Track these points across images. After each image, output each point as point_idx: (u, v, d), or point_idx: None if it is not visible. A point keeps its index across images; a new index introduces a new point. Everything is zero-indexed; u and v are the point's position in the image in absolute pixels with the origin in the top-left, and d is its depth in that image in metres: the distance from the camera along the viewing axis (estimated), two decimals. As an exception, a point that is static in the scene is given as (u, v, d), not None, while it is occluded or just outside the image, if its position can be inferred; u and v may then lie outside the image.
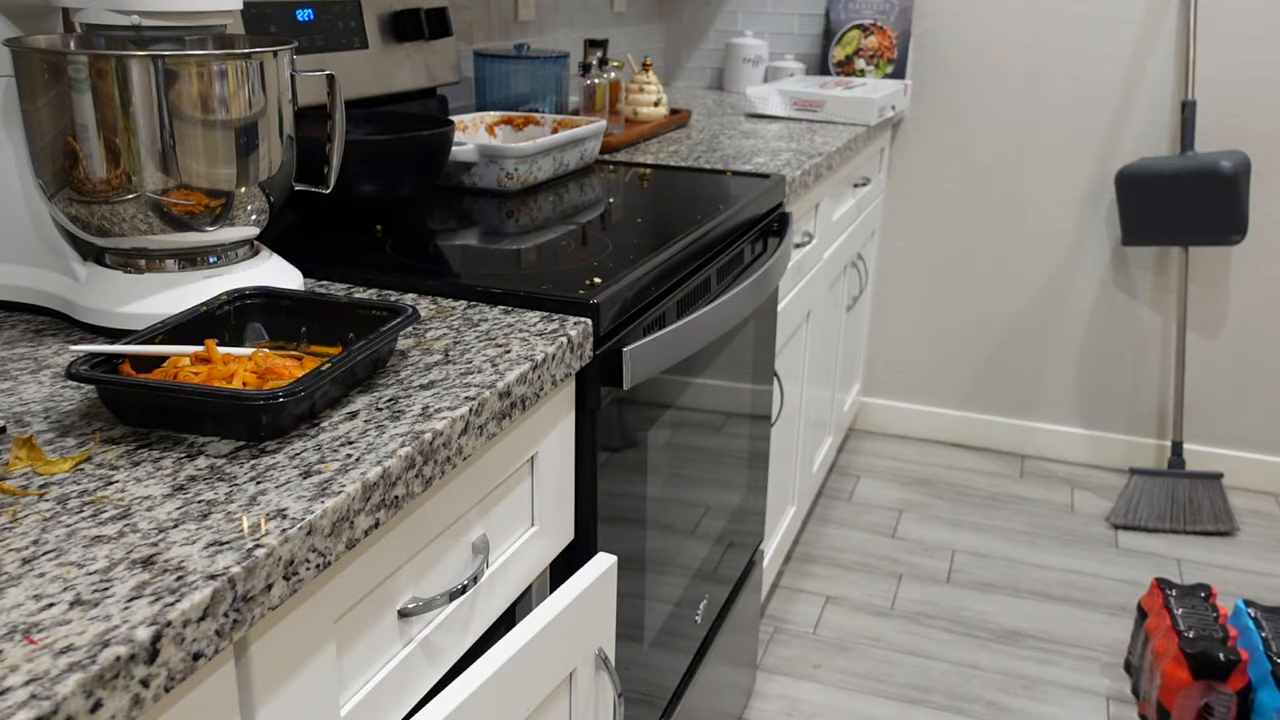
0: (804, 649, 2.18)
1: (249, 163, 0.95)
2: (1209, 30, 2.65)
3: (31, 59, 0.89)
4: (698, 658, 1.59)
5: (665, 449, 1.35)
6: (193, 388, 0.75)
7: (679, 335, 1.22)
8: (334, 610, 0.74)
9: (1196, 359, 2.86)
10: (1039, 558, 2.54)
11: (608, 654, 1.05)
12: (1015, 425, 3.06)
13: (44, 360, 0.90)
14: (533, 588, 1.09)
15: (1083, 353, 2.96)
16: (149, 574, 0.59)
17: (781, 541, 2.25)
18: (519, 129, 1.79)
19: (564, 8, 2.50)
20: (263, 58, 0.94)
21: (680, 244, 1.30)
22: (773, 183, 1.69)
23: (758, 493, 1.85)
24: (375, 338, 0.84)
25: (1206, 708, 1.75)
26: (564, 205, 1.49)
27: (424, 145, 1.36)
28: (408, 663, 0.84)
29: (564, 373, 1.00)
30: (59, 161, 0.91)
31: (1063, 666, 2.14)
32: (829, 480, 2.87)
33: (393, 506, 0.75)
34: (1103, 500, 2.82)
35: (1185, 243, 2.67)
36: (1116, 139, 2.78)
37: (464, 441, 0.83)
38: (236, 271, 0.99)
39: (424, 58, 1.78)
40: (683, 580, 1.49)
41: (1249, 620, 1.81)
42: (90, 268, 0.98)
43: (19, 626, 0.54)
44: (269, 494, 0.69)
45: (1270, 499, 2.86)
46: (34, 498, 0.67)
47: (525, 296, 1.08)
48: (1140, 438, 2.96)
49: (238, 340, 0.91)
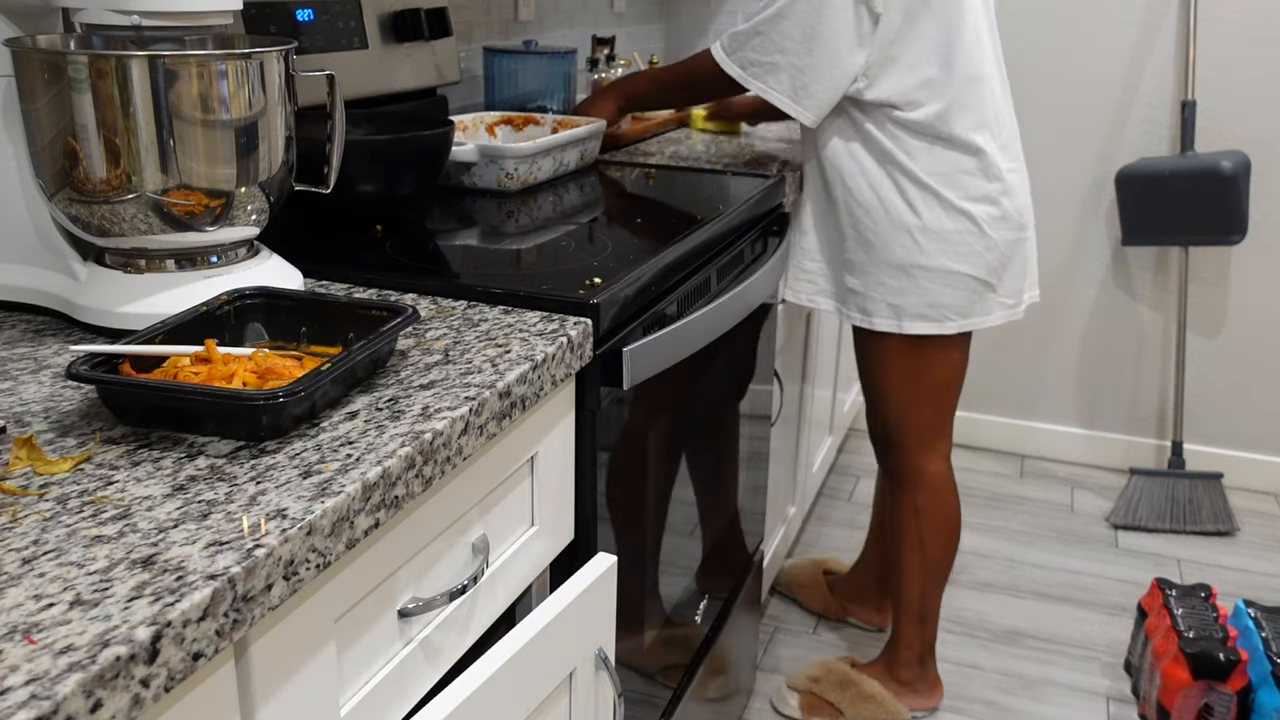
0: (804, 649, 2.18)
1: (249, 163, 0.95)
2: (1209, 30, 2.65)
3: (31, 59, 0.89)
4: (698, 658, 1.59)
5: (665, 449, 1.35)
6: (193, 388, 0.75)
7: (679, 335, 1.22)
8: (334, 610, 0.74)
9: (1196, 359, 2.86)
10: (1039, 558, 2.54)
11: (608, 654, 1.05)
12: (1015, 425, 3.06)
13: (44, 360, 0.90)
14: (533, 588, 1.09)
15: (1083, 353, 2.96)
16: (149, 574, 0.59)
17: (781, 541, 2.25)
18: (519, 129, 1.79)
19: (564, 8, 2.50)
20: (263, 58, 0.94)
21: (680, 244, 1.30)
22: (773, 183, 1.69)
23: (758, 493, 1.85)
24: (375, 338, 0.84)
25: (1206, 708, 1.75)
26: (564, 205, 1.49)
27: (424, 145, 1.36)
28: (408, 663, 0.84)
29: (564, 373, 1.00)
30: (59, 161, 0.91)
31: (1063, 666, 2.14)
32: (829, 480, 2.87)
33: (393, 506, 0.75)
34: (1103, 500, 2.82)
35: (1185, 243, 2.67)
36: (1116, 139, 2.78)
37: (464, 441, 0.83)
38: (236, 271, 0.99)
39: (424, 58, 1.78)
40: (683, 580, 1.49)
41: (1249, 620, 1.81)
42: (90, 268, 0.98)
43: (19, 626, 0.54)
44: (269, 494, 0.69)
45: (1270, 499, 2.86)
46: (34, 498, 0.67)
47: (525, 296, 1.08)
48: (1140, 438, 2.96)
49: (238, 340, 0.91)
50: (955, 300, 1.68)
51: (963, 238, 1.65)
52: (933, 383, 1.77)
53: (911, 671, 1.94)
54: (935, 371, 1.76)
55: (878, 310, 1.70)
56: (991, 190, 1.65)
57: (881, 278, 1.68)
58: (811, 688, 1.95)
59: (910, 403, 1.78)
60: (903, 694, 1.94)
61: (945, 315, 1.68)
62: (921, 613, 1.90)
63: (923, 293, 1.67)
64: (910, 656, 1.94)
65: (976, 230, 1.65)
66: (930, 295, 1.67)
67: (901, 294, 1.68)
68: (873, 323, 1.72)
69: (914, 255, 1.66)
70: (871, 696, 1.89)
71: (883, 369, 1.77)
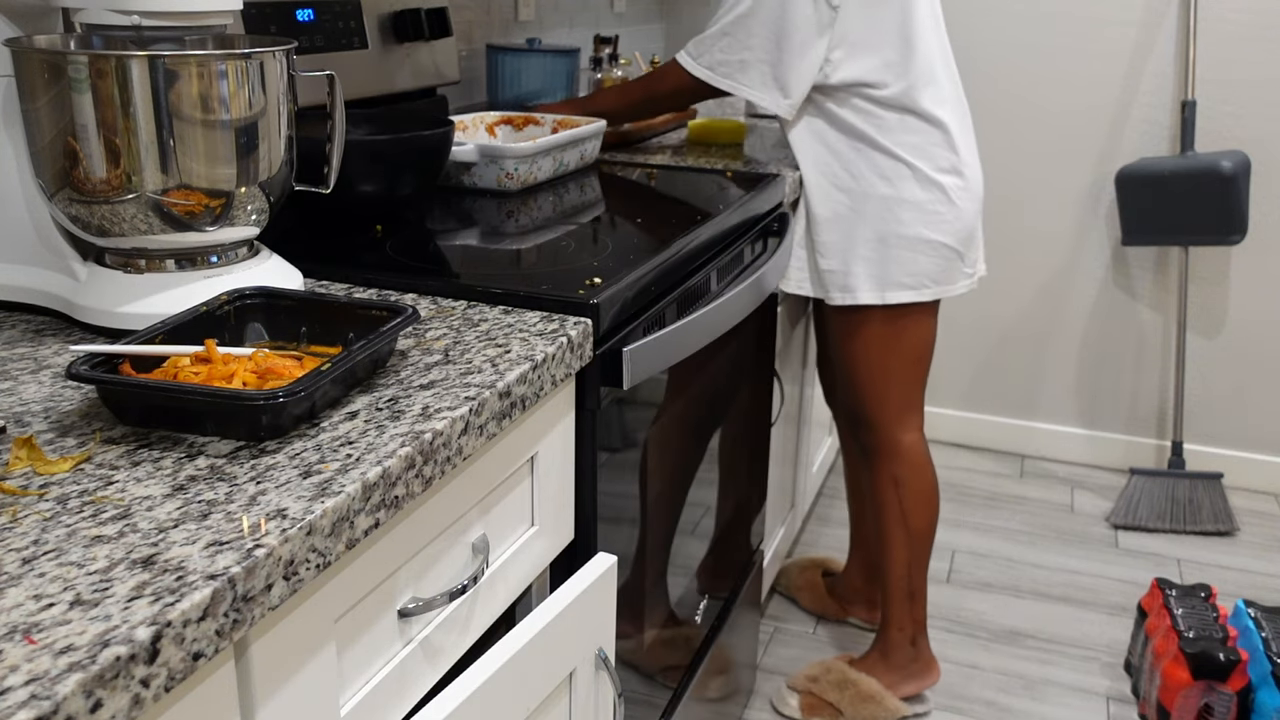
0: (804, 649, 2.18)
1: (249, 163, 0.95)
2: (1209, 30, 2.65)
3: (31, 59, 0.89)
4: (698, 658, 1.59)
5: (665, 449, 1.35)
6: (193, 388, 0.75)
7: (679, 335, 1.22)
8: (334, 610, 0.74)
9: (1196, 359, 2.86)
10: (1039, 558, 2.54)
11: (608, 654, 1.05)
12: (1015, 425, 3.06)
13: (44, 360, 0.90)
14: (533, 588, 1.09)
15: (1083, 353, 2.96)
16: (149, 574, 0.59)
17: (781, 541, 2.25)
18: (519, 129, 1.79)
19: (564, 8, 2.50)
20: (263, 58, 0.94)
21: (680, 244, 1.30)
22: (773, 183, 1.69)
23: (758, 493, 1.85)
24: (375, 338, 0.84)
25: (1206, 708, 1.75)
26: (564, 205, 1.49)
27: (424, 145, 1.36)
28: (408, 663, 0.84)
29: (564, 373, 1.00)
30: (59, 161, 0.91)
31: (1063, 666, 2.14)
32: (829, 480, 2.87)
33: (393, 506, 0.75)
34: (1103, 500, 2.82)
35: (1185, 243, 2.67)
36: (1116, 139, 2.78)
37: (464, 441, 0.83)
38: (236, 271, 0.99)
39: (424, 58, 1.78)
40: (683, 580, 1.49)
41: (1249, 620, 1.81)
42: (90, 268, 0.98)
43: (19, 626, 0.54)
44: (269, 494, 0.69)
45: (1270, 499, 2.86)
46: (34, 498, 0.67)
47: (525, 296, 1.08)
48: (1140, 438, 2.96)
49: (238, 340, 0.91)
50: (932, 268, 1.76)
51: (934, 207, 1.73)
52: (909, 354, 1.83)
53: (905, 654, 1.97)
54: (912, 342, 1.83)
55: (859, 285, 1.77)
56: (956, 162, 1.74)
57: (860, 252, 1.76)
58: (810, 688, 1.96)
59: (888, 377, 1.84)
60: (899, 681, 1.96)
61: (923, 283, 1.77)
62: (910, 589, 1.94)
63: (903, 262, 1.74)
64: (903, 638, 1.96)
65: (946, 200, 1.74)
66: (910, 264, 1.75)
67: (882, 264, 1.75)
68: (856, 297, 1.77)
69: (891, 225, 1.73)
70: (871, 696, 1.91)
71: (861, 344, 1.83)
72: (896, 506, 1.90)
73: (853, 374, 1.86)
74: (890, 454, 1.88)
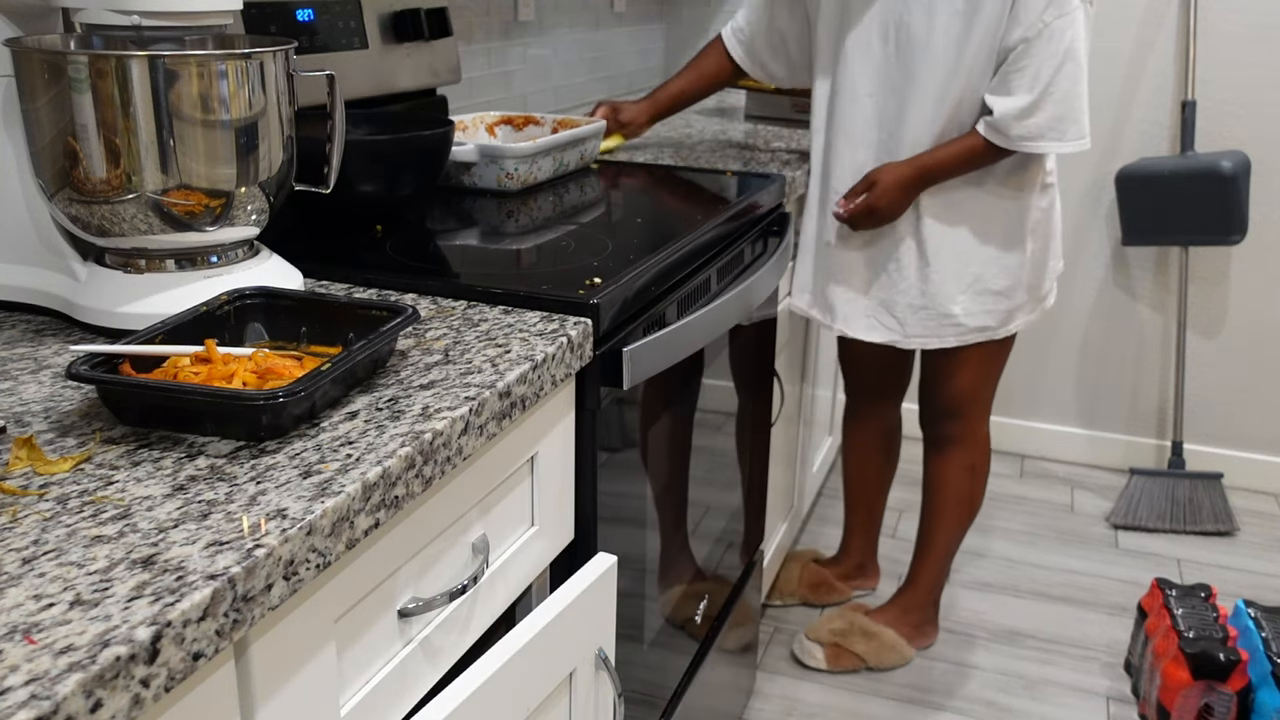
0: (804, 649, 2.17)
1: (249, 163, 0.95)
2: (1209, 30, 2.65)
3: (31, 59, 0.89)
4: (698, 658, 1.59)
5: (665, 448, 1.35)
6: (193, 388, 0.75)
7: (679, 335, 1.22)
8: (334, 610, 0.74)
9: (1196, 359, 2.86)
10: (1039, 558, 2.54)
11: (608, 654, 1.05)
12: (1015, 425, 3.06)
13: (44, 360, 0.90)
14: (533, 588, 1.09)
15: (1083, 353, 2.96)
16: (149, 574, 0.59)
17: (781, 541, 2.25)
18: (519, 129, 1.79)
19: (564, 8, 2.50)
20: (263, 58, 0.94)
21: (680, 244, 1.30)
22: (773, 183, 1.69)
23: (758, 493, 1.85)
24: (375, 338, 0.84)
25: (1206, 708, 1.75)
26: (564, 205, 1.49)
27: (424, 145, 1.36)
28: (408, 663, 0.84)
29: (564, 373, 1.00)
30: (59, 161, 0.91)
31: (1063, 666, 2.14)
32: (829, 480, 2.87)
33: (393, 506, 0.75)
34: (1103, 500, 2.82)
35: (1185, 243, 2.67)
36: (1116, 139, 2.78)
37: (464, 441, 0.83)
38: (236, 271, 0.99)
39: (424, 58, 1.78)
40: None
41: (1249, 620, 1.81)
42: (90, 268, 0.98)
43: (19, 626, 0.54)
44: (269, 494, 0.69)
45: (1270, 499, 2.86)
46: (34, 498, 0.67)
47: (525, 296, 1.08)
48: (1140, 438, 2.96)
49: (238, 340, 0.91)
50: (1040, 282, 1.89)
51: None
52: (1006, 358, 1.97)
53: (924, 614, 2.15)
54: (1009, 347, 1.95)
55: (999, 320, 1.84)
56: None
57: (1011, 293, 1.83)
58: (838, 640, 2.09)
59: (988, 378, 1.97)
60: (911, 635, 2.14)
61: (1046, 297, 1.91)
62: (949, 557, 2.12)
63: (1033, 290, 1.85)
64: (928, 599, 2.14)
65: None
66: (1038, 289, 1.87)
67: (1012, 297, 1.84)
68: (995, 333, 1.85)
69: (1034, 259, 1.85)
70: (892, 646, 2.10)
71: (979, 358, 1.91)
72: (967, 491, 2.06)
73: (953, 377, 1.95)
74: (971, 444, 2.03)
